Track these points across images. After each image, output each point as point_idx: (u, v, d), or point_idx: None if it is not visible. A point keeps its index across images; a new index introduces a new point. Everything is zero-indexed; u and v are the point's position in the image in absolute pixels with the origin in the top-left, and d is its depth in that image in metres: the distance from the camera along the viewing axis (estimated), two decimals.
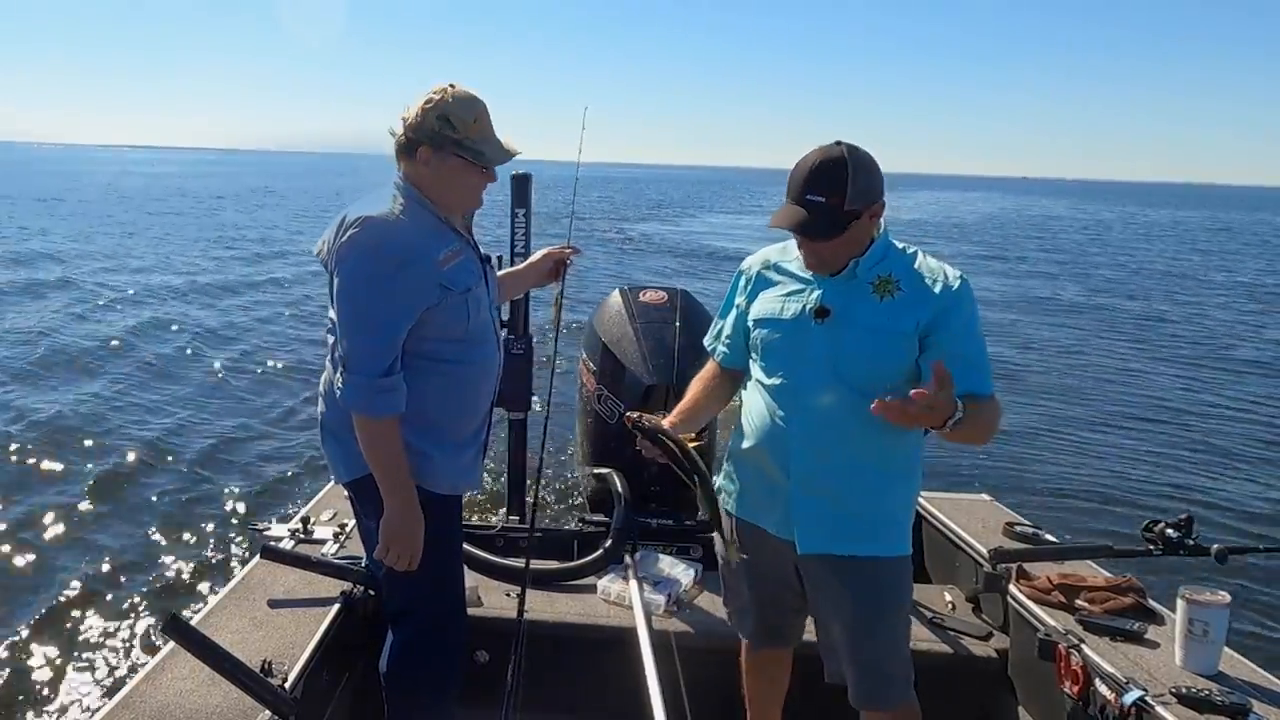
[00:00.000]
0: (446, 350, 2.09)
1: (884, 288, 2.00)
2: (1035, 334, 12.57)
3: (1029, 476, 6.71)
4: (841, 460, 2.01)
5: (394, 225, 2.00)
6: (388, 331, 1.99)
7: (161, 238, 23.11)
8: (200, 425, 7.54)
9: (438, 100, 2.02)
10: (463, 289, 2.07)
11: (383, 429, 2.01)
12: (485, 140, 2.07)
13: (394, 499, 2.04)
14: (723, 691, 2.45)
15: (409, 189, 2.08)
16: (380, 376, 1.98)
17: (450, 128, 2.02)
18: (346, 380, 1.99)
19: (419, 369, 2.05)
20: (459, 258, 2.09)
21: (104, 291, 14.07)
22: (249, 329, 11.97)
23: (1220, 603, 2.23)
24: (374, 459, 2.03)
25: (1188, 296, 17.96)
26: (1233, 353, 11.57)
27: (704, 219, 41.63)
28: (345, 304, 2.00)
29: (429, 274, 2.01)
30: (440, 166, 2.05)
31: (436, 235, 2.07)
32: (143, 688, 2.05)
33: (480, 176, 2.11)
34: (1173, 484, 6.70)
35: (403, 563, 2.07)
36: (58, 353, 9.92)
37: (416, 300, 2.00)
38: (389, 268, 1.97)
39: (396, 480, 2.04)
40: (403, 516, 2.05)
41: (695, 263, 21.78)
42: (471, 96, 2.05)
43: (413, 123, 2.04)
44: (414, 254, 2.00)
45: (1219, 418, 8.48)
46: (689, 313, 3.56)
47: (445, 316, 2.05)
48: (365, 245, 1.97)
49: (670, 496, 3.45)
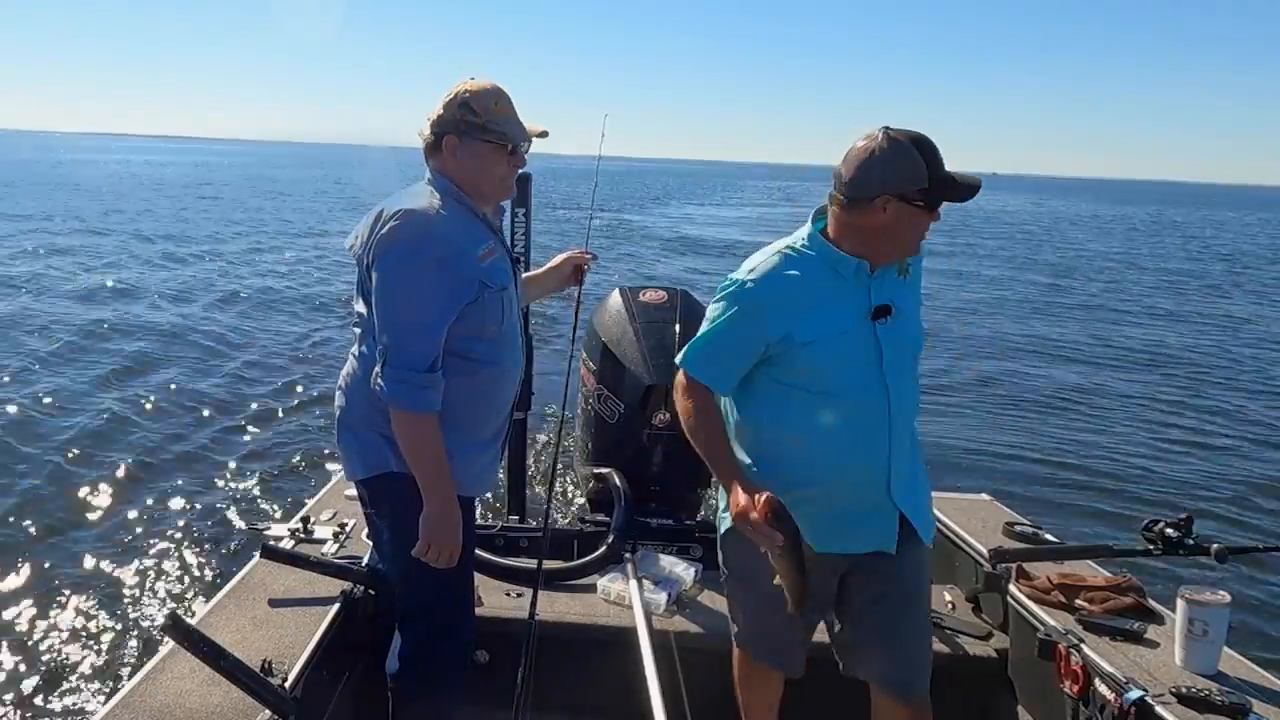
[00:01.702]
0: (477, 350, 2.08)
1: (903, 269, 2.05)
2: (1035, 333, 12.57)
3: (1029, 476, 6.71)
4: (914, 449, 2.08)
5: (434, 220, 2.00)
6: (433, 327, 1.99)
7: (154, 232, 23.09)
8: (200, 424, 7.53)
9: (458, 91, 2.05)
10: (499, 286, 2.08)
11: (426, 425, 2.00)
12: (509, 121, 2.08)
13: (435, 496, 2.02)
14: (723, 691, 2.45)
15: (443, 183, 2.08)
16: (424, 372, 1.97)
17: (473, 114, 2.03)
18: (389, 375, 1.97)
19: (449, 367, 2.04)
20: (495, 254, 2.09)
21: (102, 292, 14.07)
22: (249, 328, 11.96)
23: (1220, 602, 2.23)
24: (415, 456, 2.02)
25: (1186, 295, 17.97)
26: (1233, 353, 11.58)
27: (684, 209, 43.53)
28: (387, 298, 1.98)
29: (470, 269, 2.01)
30: (467, 154, 2.06)
31: (474, 232, 2.08)
32: (143, 688, 2.04)
33: (509, 162, 2.11)
34: (1172, 483, 6.70)
35: (444, 560, 2.06)
36: (56, 354, 9.92)
37: (459, 295, 2.00)
38: (432, 262, 1.96)
39: (439, 477, 2.02)
40: (445, 513, 2.04)
41: (679, 250, 22.10)
42: (491, 84, 2.08)
43: (437, 117, 2.06)
44: (455, 248, 2.00)
45: (1219, 418, 8.48)
46: (689, 313, 3.56)
47: (481, 314, 2.04)
48: (408, 239, 1.96)
49: (670, 496, 3.45)
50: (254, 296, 14.41)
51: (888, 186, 1.89)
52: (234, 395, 8.53)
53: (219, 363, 9.80)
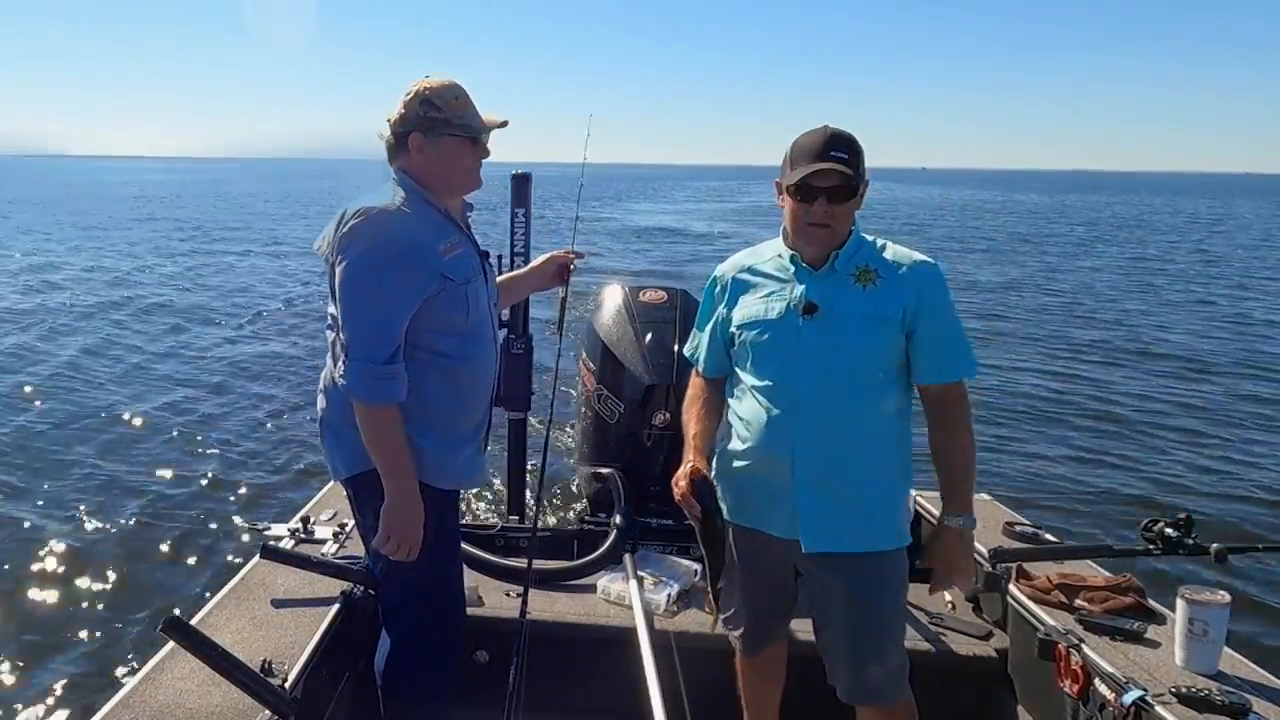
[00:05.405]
0: (445, 344, 2.10)
1: (865, 277, 2.04)
2: (1033, 334, 12.57)
3: (1029, 476, 6.70)
4: (842, 452, 2.03)
5: (395, 215, 2.03)
6: (390, 319, 2.01)
7: (152, 239, 23.10)
8: (200, 424, 7.54)
9: (418, 90, 2.08)
10: (463, 280, 2.09)
11: (384, 416, 2.02)
12: (471, 114, 2.11)
13: (394, 486, 2.04)
14: (722, 691, 2.45)
15: (407, 181, 2.11)
16: (382, 364, 1.99)
17: (435, 109, 2.06)
18: (348, 367, 2.00)
19: (418, 362, 2.06)
20: (458, 249, 2.11)
21: (99, 291, 14.06)
22: (249, 328, 11.97)
23: (1220, 602, 2.23)
24: (374, 446, 2.04)
25: (1185, 295, 17.96)
26: (1232, 352, 11.57)
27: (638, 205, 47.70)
28: (347, 293, 2.01)
29: (430, 263, 2.03)
30: (433, 149, 2.08)
31: (437, 227, 2.10)
32: (143, 688, 2.05)
33: (473, 153, 2.14)
34: (1172, 484, 6.69)
35: (402, 552, 2.07)
36: (53, 353, 9.92)
37: (418, 288, 2.02)
38: (390, 256, 1.99)
39: (397, 467, 2.04)
40: (403, 504, 2.05)
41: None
42: (448, 80, 2.11)
43: (399, 117, 2.09)
44: (415, 243, 2.02)
45: (1219, 417, 8.47)
46: (689, 312, 3.56)
47: (445, 308, 2.06)
48: (367, 235, 1.99)
49: (670, 496, 3.45)
50: (255, 297, 14.41)
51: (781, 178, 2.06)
52: (234, 395, 8.54)
53: (219, 363, 9.81)
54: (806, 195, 2.00)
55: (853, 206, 2.03)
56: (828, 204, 1.99)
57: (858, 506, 2.06)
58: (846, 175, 1.96)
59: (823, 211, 2.00)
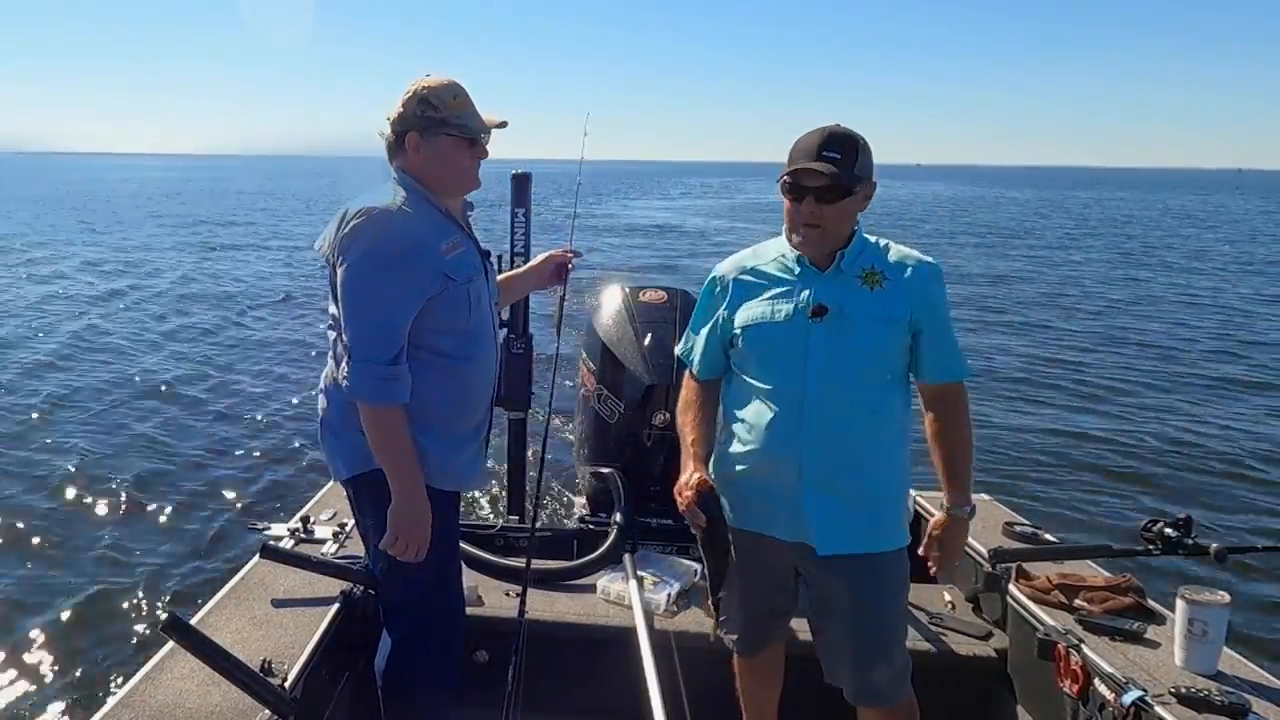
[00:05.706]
0: (446, 344, 2.09)
1: (872, 279, 2.04)
2: (1032, 333, 12.56)
3: (1029, 476, 6.70)
4: (849, 454, 2.04)
5: (396, 215, 2.02)
6: (392, 320, 2.00)
7: (152, 239, 23.10)
8: (200, 424, 7.54)
9: (416, 89, 2.07)
10: (464, 279, 2.09)
11: (389, 417, 2.02)
12: (469, 114, 2.11)
13: (401, 487, 2.03)
14: (722, 691, 2.45)
15: (407, 180, 2.11)
16: (386, 365, 1.99)
17: (433, 109, 2.06)
18: (352, 369, 1.99)
19: (420, 362, 2.06)
20: (460, 249, 2.11)
21: (97, 292, 14.06)
22: (249, 327, 11.97)
23: (1220, 602, 2.23)
24: (380, 447, 2.03)
25: (1183, 294, 17.95)
26: (1233, 352, 11.56)
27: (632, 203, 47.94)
28: (349, 293, 2.00)
29: (432, 262, 2.03)
30: (430, 149, 2.08)
31: (438, 226, 2.10)
32: (143, 687, 2.05)
33: (471, 153, 2.13)
34: (1172, 484, 6.69)
35: (410, 553, 2.07)
36: (53, 353, 9.92)
37: (420, 288, 2.02)
38: (392, 256, 1.98)
39: (404, 468, 2.03)
40: (410, 505, 2.04)
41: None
42: (448, 79, 2.10)
43: (397, 116, 2.08)
44: (417, 243, 2.02)
45: (1219, 417, 8.47)
46: (689, 312, 3.55)
47: (447, 307, 2.06)
48: (369, 235, 1.99)
49: (670, 496, 3.45)
50: (255, 297, 14.41)
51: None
52: (234, 395, 8.54)
53: (219, 363, 9.80)
54: (796, 194, 2.00)
55: (848, 207, 2.01)
56: (815, 204, 1.98)
57: (863, 507, 2.06)
58: (834, 176, 1.95)
59: (810, 211, 1.99)
